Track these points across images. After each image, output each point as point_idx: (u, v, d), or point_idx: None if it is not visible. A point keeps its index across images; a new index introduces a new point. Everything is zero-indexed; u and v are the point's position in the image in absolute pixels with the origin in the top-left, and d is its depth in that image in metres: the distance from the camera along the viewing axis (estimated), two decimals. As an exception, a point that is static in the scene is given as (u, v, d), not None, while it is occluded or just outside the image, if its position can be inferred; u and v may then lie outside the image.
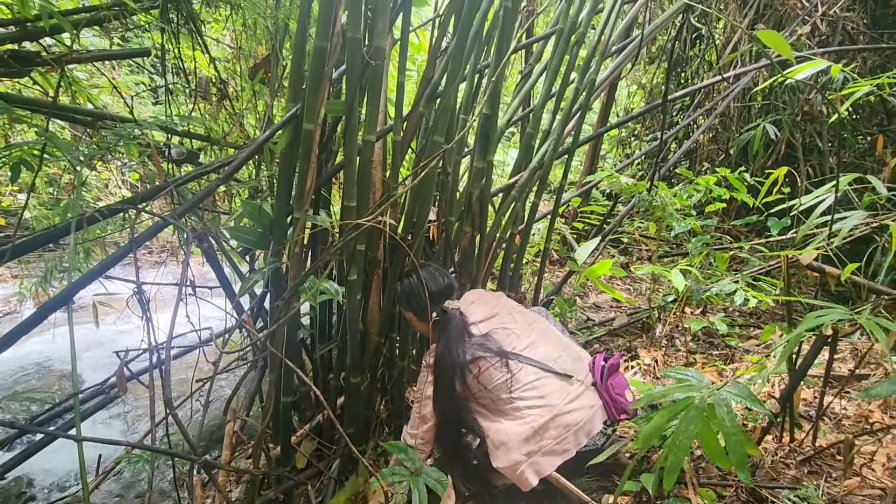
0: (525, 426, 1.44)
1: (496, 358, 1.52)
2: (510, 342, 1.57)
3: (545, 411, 1.45)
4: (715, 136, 4.38)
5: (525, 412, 1.46)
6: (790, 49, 1.17)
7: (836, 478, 1.48)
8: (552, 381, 1.51)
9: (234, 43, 2.72)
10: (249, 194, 2.11)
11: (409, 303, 1.67)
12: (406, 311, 1.72)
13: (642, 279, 3.70)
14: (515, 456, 1.42)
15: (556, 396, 1.47)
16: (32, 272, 3.84)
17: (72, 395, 1.05)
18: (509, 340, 1.57)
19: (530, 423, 1.44)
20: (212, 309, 1.60)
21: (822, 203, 1.69)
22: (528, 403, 1.46)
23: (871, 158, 3.58)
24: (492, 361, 1.51)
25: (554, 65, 1.94)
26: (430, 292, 1.63)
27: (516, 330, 1.62)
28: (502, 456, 1.44)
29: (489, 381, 1.50)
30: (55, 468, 2.25)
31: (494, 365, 1.51)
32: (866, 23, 3.48)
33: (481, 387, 1.51)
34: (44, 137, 1.42)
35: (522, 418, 1.45)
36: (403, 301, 1.69)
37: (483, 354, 1.52)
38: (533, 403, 1.46)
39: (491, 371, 1.50)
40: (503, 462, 1.43)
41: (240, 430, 1.78)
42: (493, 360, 1.52)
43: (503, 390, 1.48)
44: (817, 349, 1.46)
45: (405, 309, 1.71)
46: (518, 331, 1.62)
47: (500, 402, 1.49)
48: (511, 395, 1.48)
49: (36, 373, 3.03)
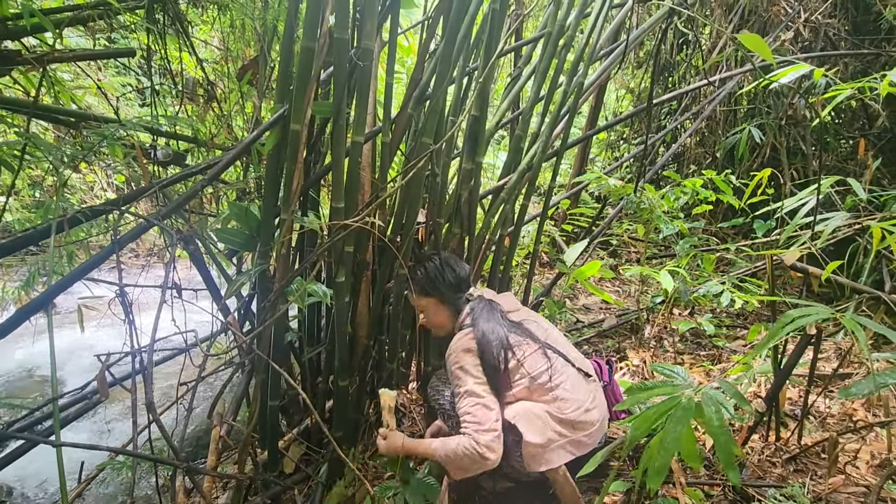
0: (561, 415, 1.41)
1: (536, 345, 1.47)
2: (539, 334, 1.53)
3: (578, 405, 1.43)
4: (701, 140, 4.43)
5: (561, 404, 1.41)
6: (770, 52, 1.19)
7: (821, 476, 1.50)
8: (579, 378, 1.50)
9: (221, 45, 2.70)
10: (237, 196, 2.10)
11: (433, 288, 1.58)
12: (424, 297, 1.60)
13: (631, 281, 3.73)
14: (550, 433, 1.38)
15: (583, 392, 1.47)
16: (13, 276, 3.76)
17: (51, 399, 1.03)
18: (537, 332, 1.53)
19: (567, 414, 1.41)
20: (198, 314, 1.58)
21: (806, 205, 1.72)
22: (565, 395, 1.42)
23: (853, 162, 3.64)
24: (533, 347, 1.46)
25: (542, 68, 1.95)
26: (456, 277, 1.57)
27: (542, 324, 1.59)
28: (536, 431, 1.36)
29: (532, 367, 1.43)
30: (35, 476, 2.21)
31: (536, 352, 1.45)
32: (847, 29, 3.55)
33: (524, 372, 1.42)
34: (25, 138, 1.39)
35: (559, 408, 1.41)
36: (426, 286, 1.59)
37: (524, 340, 1.47)
38: (569, 396, 1.43)
39: (535, 356, 1.44)
40: (537, 437, 1.36)
41: (226, 435, 1.76)
42: (535, 347, 1.46)
43: (545, 379, 1.42)
44: (801, 348, 1.47)
45: (425, 295, 1.60)
46: (544, 325, 1.60)
47: (540, 390, 1.42)
48: (552, 384, 1.42)
49: (17, 379, 2.96)
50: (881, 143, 3.45)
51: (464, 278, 1.60)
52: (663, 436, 0.80)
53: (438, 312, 1.61)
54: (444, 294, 1.58)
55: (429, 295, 1.60)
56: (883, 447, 1.61)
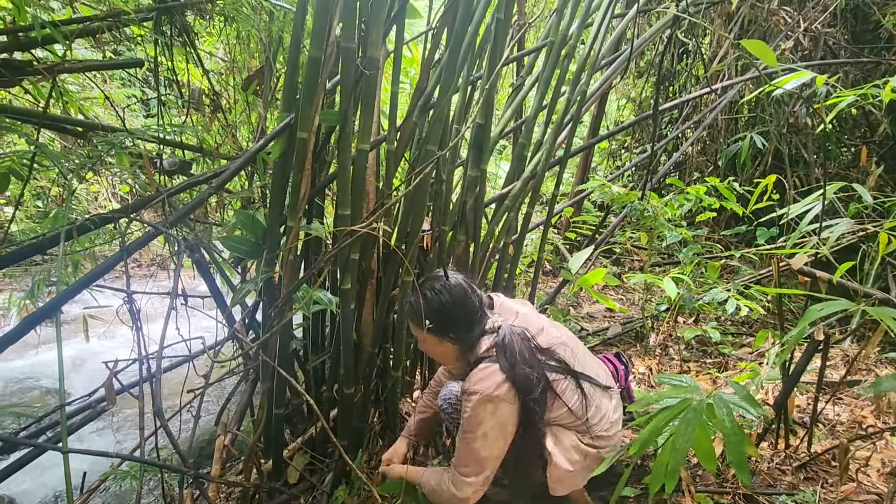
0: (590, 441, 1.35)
1: (568, 379, 1.33)
2: (569, 359, 1.37)
3: (604, 427, 1.37)
4: (703, 148, 4.45)
5: (591, 432, 1.34)
6: (775, 58, 1.20)
7: (832, 483, 1.48)
8: (604, 398, 1.41)
9: (227, 56, 2.73)
10: (242, 204, 2.11)
11: (445, 323, 1.33)
12: (423, 333, 1.37)
13: (635, 289, 3.72)
14: (577, 457, 1.32)
15: (612, 412, 1.41)
16: (18, 286, 3.77)
17: (58, 407, 1.03)
18: (567, 357, 1.37)
19: (595, 441, 1.35)
20: (203, 323, 1.58)
21: (811, 211, 1.73)
22: (594, 422, 1.34)
23: (855, 169, 3.66)
24: (568, 382, 1.32)
25: (545, 77, 1.97)
26: (466, 315, 1.33)
27: (569, 343, 1.41)
28: (567, 459, 1.31)
29: (569, 401, 1.32)
30: (38, 488, 2.19)
31: (570, 386, 1.32)
32: (847, 38, 3.58)
33: (561, 407, 1.31)
34: (34, 147, 1.41)
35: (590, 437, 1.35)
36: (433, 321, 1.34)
37: (558, 376, 1.32)
38: (597, 423, 1.35)
39: (570, 392, 1.32)
40: (567, 464, 1.30)
41: (230, 445, 1.75)
42: (568, 381, 1.32)
43: (579, 411, 1.33)
44: (809, 355, 1.47)
45: (431, 333, 1.36)
46: (566, 341, 1.41)
47: (572, 419, 1.33)
48: (585, 416, 1.33)
49: (21, 389, 2.96)
50: (883, 150, 3.46)
51: (477, 310, 1.35)
52: (675, 438, 0.79)
53: (436, 347, 1.40)
54: (445, 332, 1.35)
55: (432, 334, 1.36)
56: (894, 454, 1.59)
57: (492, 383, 1.23)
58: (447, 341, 1.35)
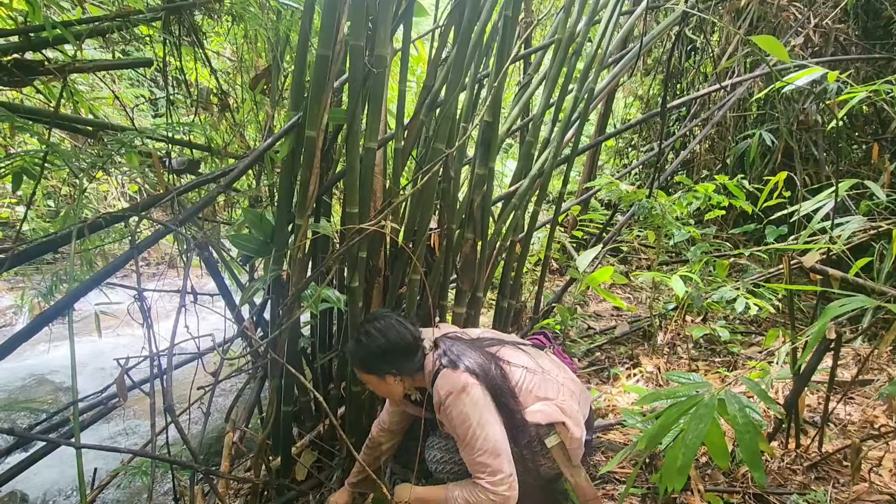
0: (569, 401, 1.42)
1: (505, 346, 1.47)
2: (497, 338, 1.55)
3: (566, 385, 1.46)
4: (712, 146, 4.41)
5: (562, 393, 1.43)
6: (786, 52, 1.18)
7: (843, 483, 1.47)
8: (540, 358, 1.52)
9: (234, 55, 2.74)
10: (250, 203, 2.11)
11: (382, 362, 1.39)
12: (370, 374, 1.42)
13: (643, 288, 3.70)
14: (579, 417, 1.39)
15: (553, 366, 1.51)
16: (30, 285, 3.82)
17: (70, 403, 1.04)
18: (495, 337, 1.56)
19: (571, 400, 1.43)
20: (211, 321, 1.59)
21: (822, 209, 1.71)
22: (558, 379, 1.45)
23: (866, 167, 3.61)
24: (510, 350, 1.46)
25: (552, 74, 1.96)
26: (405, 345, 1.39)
27: (492, 331, 1.64)
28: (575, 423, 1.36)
29: (517, 367, 1.42)
30: (50, 484, 2.22)
31: (512, 354, 1.45)
32: (858, 34, 3.54)
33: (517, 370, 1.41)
34: (45, 146, 1.42)
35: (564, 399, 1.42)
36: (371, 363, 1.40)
37: (497, 347, 1.45)
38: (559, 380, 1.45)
39: (515, 357, 1.44)
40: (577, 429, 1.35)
41: (240, 441, 1.76)
42: (507, 350, 1.46)
43: (536, 368, 1.44)
44: (820, 354, 1.45)
45: (369, 372, 1.42)
46: (493, 331, 1.64)
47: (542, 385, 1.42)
48: (543, 372, 1.44)
49: (34, 386, 2.99)
50: (895, 147, 3.41)
51: (412, 343, 1.41)
52: (685, 434, 0.78)
53: (380, 385, 1.44)
54: (383, 370, 1.40)
55: (368, 372, 1.42)
56: (906, 455, 1.57)
57: (454, 379, 1.31)
58: (390, 377, 1.40)
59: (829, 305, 1.07)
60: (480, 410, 1.28)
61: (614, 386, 2.36)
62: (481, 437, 1.26)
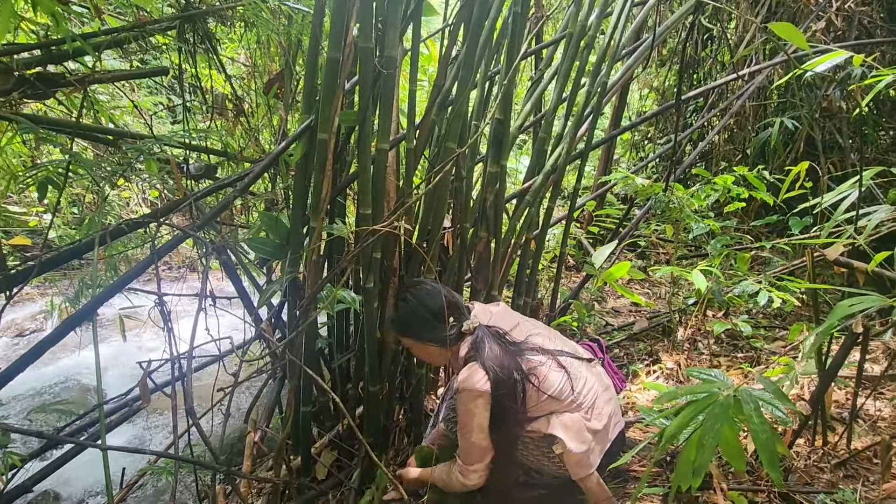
0: (591, 418, 1.43)
1: (548, 358, 1.44)
2: (545, 344, 1.50)
3: (600, 403, 1.45)
4: (731, 137, 4.31)
5: (589, 409, 1.43)
6: (804, 40, 1.15)
7: (873, 481, 1.43)
8: (585, 370, 1.50)
9: (248, 60, 2.78)
10: (266, 206, 2.14)
11: (407, 329, 1.50)
12: (403, 337, 1.55)
13: (661, 283, 3.64)
14: (587, 435, 1.39)
15: (598, 384, 1.49)
16: (58, 290, 3.93)
17: (96, 405, 1.07)
18: (542, 343, 1.50)
19: (594, 416, 1.43)
20: (230, 323, 1.61)
21: (847, 199, 1.65)
22: (589, 398, 1.44)
23: (894, 154, 3.49)
24: (548, 365, 1.43)
25: (564, 69, 1.94)
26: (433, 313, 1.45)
27: (541, 331, 1.56)
28: (579, 440, 1.37)
29: (551, 386, 1.41)
30: (82, 482, 2.29)
31: (551, 368, 1.43)
32: (883, 17, 3.41)
33: (542, 395, 1.40)
34: (68, 156, 1.46)
35: (587, 414, 1.43)
36: (401, 328, 1.52)
37: (536, 360, 1.43)
38: (591, 397, 1.45)
39: (551, 375, 1.42)
40: (580, 445, 1.37)
41: (260, 442, 1.79)
42: (548, 363, 1.44)
43: (568, 391, 1.42)
44: (847, 348, 1.41)
45: (402, 335, 1.55)
46: (542, 331, 1.57)
47: (567, 402, 1.42)
48: (575, 394, 1.42)
49: (63, 387, 3.09)
50: (924, 132, 3.29)
51: (441, 312, 1.45)
52: (701, 434, 0.77)
53: (422, 350, 1.54)
54: (421, 335, 1.48)
55: (406, 336, 1.53)
56: (940, 451, 1.52)
57: (476, 380, 1.36)
58: (427, 344, 1.48)
59: (839, 304, 1.04)
60: (486, 416, 1.38)
61: (633, 383, 2.33)
62: (477, 438, 1.38)
